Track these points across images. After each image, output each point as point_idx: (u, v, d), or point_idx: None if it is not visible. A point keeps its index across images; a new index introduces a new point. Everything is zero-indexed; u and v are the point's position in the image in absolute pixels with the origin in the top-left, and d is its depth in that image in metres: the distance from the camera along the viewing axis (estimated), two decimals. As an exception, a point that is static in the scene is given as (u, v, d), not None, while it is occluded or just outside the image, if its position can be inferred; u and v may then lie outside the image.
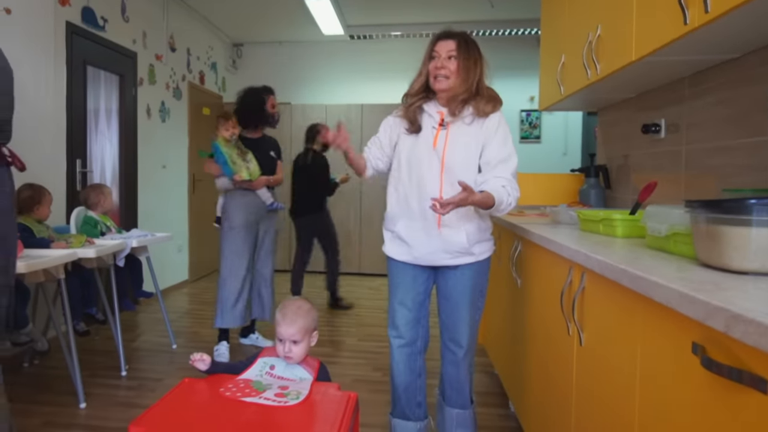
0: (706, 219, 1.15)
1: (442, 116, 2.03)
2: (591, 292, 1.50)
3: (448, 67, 1.98)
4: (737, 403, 0.83)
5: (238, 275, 3.45)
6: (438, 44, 2.01)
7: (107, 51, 4.28)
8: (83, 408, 2.69)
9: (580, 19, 2.52)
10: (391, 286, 2.19)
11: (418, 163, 2.02)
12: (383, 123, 2.20)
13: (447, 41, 2.00)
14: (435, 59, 2.01)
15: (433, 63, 2.00)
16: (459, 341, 2.08)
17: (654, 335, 1.11)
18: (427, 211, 1.97)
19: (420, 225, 2.03)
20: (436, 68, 1.99)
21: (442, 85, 1.99)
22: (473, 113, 2.00)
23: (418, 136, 2.05)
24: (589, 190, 2.92)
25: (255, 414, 1.54)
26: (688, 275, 1.09)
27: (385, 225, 2.19)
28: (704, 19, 1.48)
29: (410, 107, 2.08)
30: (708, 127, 2.10)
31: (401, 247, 2.11)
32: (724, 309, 0.81)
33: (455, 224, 2.00)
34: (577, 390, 1.61)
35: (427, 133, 2.04)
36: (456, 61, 1.98)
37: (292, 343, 1.72)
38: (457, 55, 1.98)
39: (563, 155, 6.52)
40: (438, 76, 1.99)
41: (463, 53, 1.99)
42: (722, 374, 0.84)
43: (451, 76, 1.98)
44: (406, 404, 2.14)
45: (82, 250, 2.73)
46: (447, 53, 1.99)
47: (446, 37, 2.02)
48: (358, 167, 2.12)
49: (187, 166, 5.82)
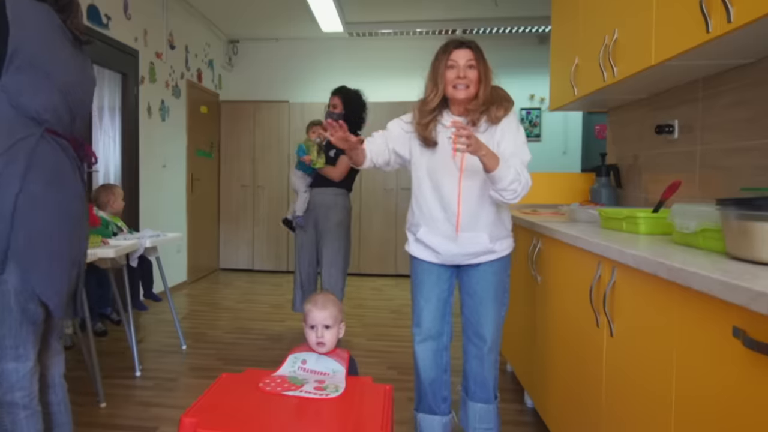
0: (737, 215, 1.25)
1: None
2: (622, 285, 1.58)
3: (468, 77, 2.00)
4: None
5: None
6: (455, 53, 2.02)
7: (111, 49, 4.26)
8: (104, 407, 2.70)
9: (595, 23, 2.58)
10: (415, 283, 2.23)
11: (439, 175, 2.08)
12: (396, 126, 2.19)
13: (464, 50, 2.02)
14: (453, 68, 2.02)
15: (453, 72, 2.01)
16: (483, 336, 2.13)
17: (691, 323, 1.21)
18: (449, 218, 2.06)
19: (442, 231, 2.10)
20: (458, 78, 2.00)
21: (463, 95, 2.02)
22: (486, 121, 2.05)
23: (435, 149, 2.09)
24: (600, 189, 2.99)
25: (300, 406, 1.58)
26: (724, 266, 1.19)
27: (407, 227, 2.26)
28: (727, 28, 1.54)
29: (427, 125, 2.07)
30: (723, 128, 2.17)
31: (425, 250, 2.17)
32: (766, 294, 0.91)
33: (475, 228, 2.07)
34: (608, 379, 1.68)
35: (444, 145, 2.07)
36: (476, 71, 2.01)
37: (325, 328, 1.79)
38: (476, 65, 2.01)
39: (563, 154, 6.60)
40: (458, 86, 2.01)
41: (482, 62, 2.03)
42: (765, 352, 0.94)
43: (471, 86, 2.01)
44: (432, 399, 2.19)
45: (102, 251, 2.73)
46: (466, 62, 2.01)
47: (461, 45, 2.04)
48: (357, 159, 2.13)
49: (186, 166, 5.81)
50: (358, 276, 6.47)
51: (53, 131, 1.60)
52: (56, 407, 1.77)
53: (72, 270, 1.69)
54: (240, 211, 6.72)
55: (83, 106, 1.75)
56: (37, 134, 1.55)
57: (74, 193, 1.67)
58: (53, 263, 1.59)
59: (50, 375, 1.77)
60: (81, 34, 1.69)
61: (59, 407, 1.78)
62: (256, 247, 6.72)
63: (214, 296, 5.41)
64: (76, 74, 1.68)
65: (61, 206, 1.61)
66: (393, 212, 6.45)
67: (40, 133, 1.56)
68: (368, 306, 5.02)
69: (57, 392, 1.78)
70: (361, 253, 6.54)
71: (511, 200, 1.99)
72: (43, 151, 1.56)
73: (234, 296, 5.39)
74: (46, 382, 1.75)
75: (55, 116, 1.60)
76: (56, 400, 1.78)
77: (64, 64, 1.62)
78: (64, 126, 1.65)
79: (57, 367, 1.80)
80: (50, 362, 1.77)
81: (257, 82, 7.02)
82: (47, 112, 1.57)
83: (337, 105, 3.80)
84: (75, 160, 1.70)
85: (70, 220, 1.65)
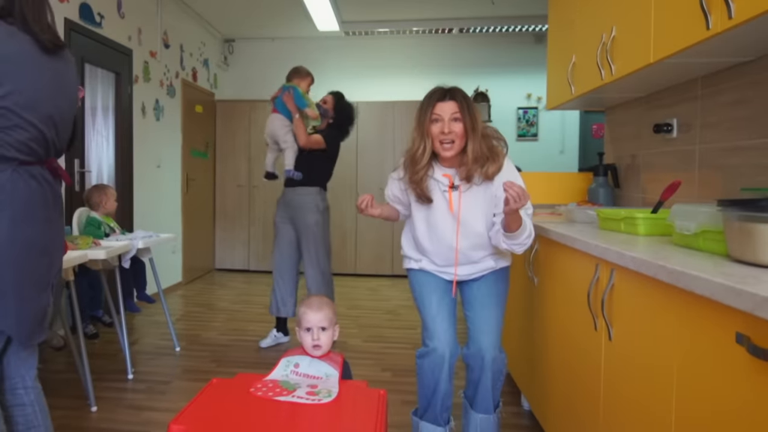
0: (739, 217, 1.22)
1: (451, 180, 2.02)
2: (620, 288, 1.54)
3: (454, 131, 1.93)
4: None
5: None
6: (438, 106, 1.95)
7: (104, 48, 4.21)
8: (95, 411, 2.66)
9: (592, 20, 2.55)
10: (422, 295, 2.17)
11: (435, 227, 2.08)
12: (392, 185, 2.21)
13: (447, 102, 1.95)
14: (438, 122, 1.95)
15: (438, 127, 1.95)
16: (486, 344, 2.09)
17: (692, 328, 1.17)
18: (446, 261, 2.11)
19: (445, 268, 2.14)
20: (443, 134, 1.93)
21: (450, 153, 1.96)
22: (480, 175, 1.98)
23: (431, 205, 2.06)
24: (598, 189, 2.96)
25: (291, 412, 1.56)
26: (726, 270, 1.15)
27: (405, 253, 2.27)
28: (727, 24, 1.50)
29: (419, 182, 2.02)
30: (722, 127, 2.14)
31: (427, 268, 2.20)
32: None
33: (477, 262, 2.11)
34: (606, 383, 1.64)
35: (439, 198, 2.05)
36: (461, 123, 1.94)
37: (320, 329, 1.78)
38: (460, 117, 1.94)
39: (560, 153, 6.56)
40: (444, 142, 1.95)
41: (468, 113, 1.95)
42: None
43: (457, 140, 1.95)
44: (439, 411, 2.12)
45: (93, 252, 2.69)
46: (451, 116, 1.93)
47: (444, 97, 1.96)
48: (391, 217, 2.26)
49: (181, 166, 5.76)
50: (354, 276, 6.43)
51: (26, 162, 1.60)
52: (29, 408, 1.76)
53: (41, 295, 1.70)
54: (236, 211, 6.68)
55: (62, 121, 1.73)
56: (8, 170, 1.56)
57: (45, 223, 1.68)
58: (16, 297, 1.60)
59: (21, 377, 1.76)
60: (55, 39, 1.65)
61: (32, 408, 1.77)
62: (252, 248, 6.68)
63: (209, 297, 5.37)
64: (50, 88, 1.65)
65: (29, 241, 1.62)
66: (390, 212, 6.41)
67: (12, 168, 1.56)
68: (364, 307, 4.98)
69: (29, 393, 1.77)
70: (358, 253, 6.51)
71: (519, 252, 2.01)
72: (14, 188, 1.57)
73: (229, 297, 5.35)
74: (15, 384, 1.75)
75: (26, 149, 1.59)
76: (29, 401, 1.76)
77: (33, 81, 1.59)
78: (38, 155, 1.65)
79: (29, 370, 1.78)
80: (22, 365, 1.76)
81: (253, 82, 6.97)
82: (19, 152, 1.57)
83: (328, 102, 3.83)
84: (50, 184, 1.71)
85: (38, 252, 1.66)
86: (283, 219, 3.79)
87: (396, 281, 6.16)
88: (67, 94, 1.74)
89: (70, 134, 1.84)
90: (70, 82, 1.76)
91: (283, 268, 3.78)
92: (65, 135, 1.79)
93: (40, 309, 1.70)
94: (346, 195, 6.49)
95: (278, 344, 3.77)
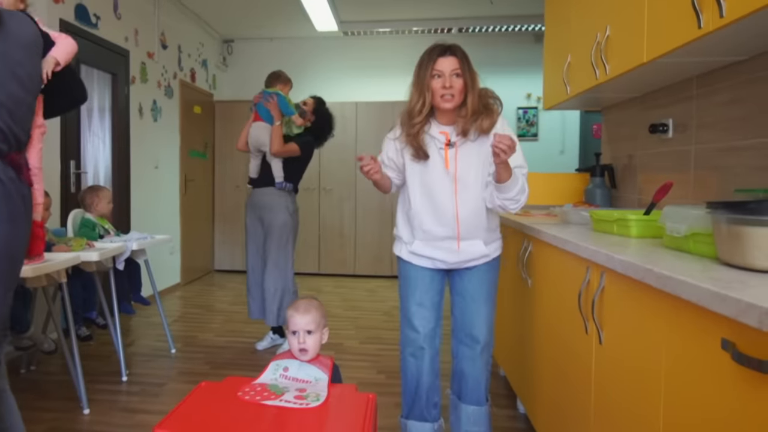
0: (728, 220, 1.19)
1: (447, 137, 2.01)
2: (610, 291, 1.52)
3: (455, 86, 1.94)
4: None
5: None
6: (439, 62, 1.95)
7: (100, 49, 4.20)
8: (87, 414, 2.65)
9: (587, 19, 2.52)
10: (406, 287, 2.17)
11: (432, 188, 2.04)
12: (388, 146, 2.14)
13: (449, 58, 1.95)
14: (439, 78, 1.95)
15: (439, 82, 1.95)
16: (477, 336, 2.11)
17: (680, 333, 1.15)
18: (448, 232, 2.05)
19: (440, 245, 2.08)
20: (444, 88, 1.94)
21: (449, 105, 1.96)
22: (476, 130, 2.00)
23: (427, 162, 2.04)
24: (594, 189, 2.93)
25: (278, 417, 1.54)
26: (714, 274, 1.13)
27: (397, 236, 2.24)
28: (719, 23, 1.49)
29: (416, 135, 2.01)
30: (717, 127, 2.11)
31: (419, 258, 2.15)
32: (756, 306, 0.85)
33: (473, 236, 2.07)
34: (596, 387, 1.62)
35: (435, 157, 2.03)
36: (461, 79, 1.95)
37: (306, 333, 1.75)
38: (461, 73, 1.95)
39: (560, 153, 6.53)
40: (445, 95, 1.95)
41: (467, 69, 1.97)
42: (754, 367, 0.88)
43: (457, 95, 1.95)
44: (425, 406, 2.13)
45: (85, 254, 2.68)
46: (452, 71, 1.94)
47: (446, 53, 1.96)
48: (384, 187, 2.17)
49: (179, 167, 5.75)
50: (352, 277, 6.41)
51: None
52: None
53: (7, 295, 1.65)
54: (235, 212, 6.66)
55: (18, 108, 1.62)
56: None
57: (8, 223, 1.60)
58: None
59: None
60: None
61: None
62: (251, 249, 6.65)
63: (207, 298, 5.36)
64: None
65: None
66: (388, 213, 6.39)
67: None
68: (362, 308, 4.96)
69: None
70: (357, 254, 6.49)
71: (513, 210, 2.02)
72: None
73: (228, 298, 5.34)
74: None
75: None
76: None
77: None
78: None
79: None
80: None
81: (252, 82, 6.91)
82: None
83: (308, 104, 3.81)
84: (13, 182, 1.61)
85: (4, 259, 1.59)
86: (253, 220, 3.75)
87: (395, 282, 6.13)
88: (18, 75, 1.61)
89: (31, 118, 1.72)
90: (20, 61, 1.62)
91: (257, 269, 3.73)
92: (26, 122, 1.68)
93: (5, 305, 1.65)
94: (345, 196, 6.47)
95: (275, 346, 3.75)
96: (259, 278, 3.71)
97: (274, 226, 3.64)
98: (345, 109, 6.29)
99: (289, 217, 3.66)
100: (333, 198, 6.51)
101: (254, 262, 3.74)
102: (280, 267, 3.64)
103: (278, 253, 3.64)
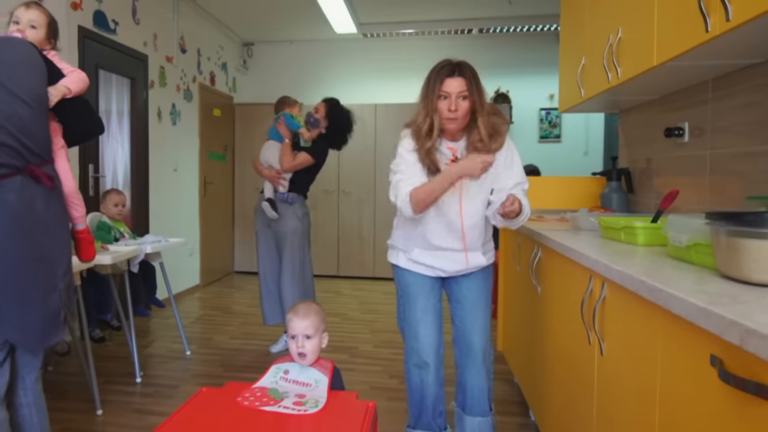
0: (726, 231, 1.16)
1: (455, 153, 2.01)
2: (611, 301, 1.49)
3: (460, 109, 1.91)
4: (754, 416, 0.84)
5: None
6: (446, 83, 1.91)
7: (119, 54, 4.27)
8: (100, 415, 2.69)
9: (600, 22, 2.47)
10: (408, 295, 2.16)
11: (440, 203, 2.02)
12: (405, 158, 2.04)
13: (456, 79, 1.91)
14: (445, 99, 1.92)
15: (445, 104, 1.92)
16: (476, 344, 2.11)
17: (674, 347, 1.12)
18: (454, 243, 2.06)
19: (440, 253, 2.09)
20: (450, 110, 1.91)
21: (453, 126, 1.95)
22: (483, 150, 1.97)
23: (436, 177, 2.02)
24: (611, 194, 2.86)
25: (275, 423, 1.55)
26: (707, 287, 1.10)
27: (393, 244, 2.24)
28: (726, 27, 1.44)
29: (428, 152, 1.99)
30: (733, 131, 2.04)
31: (418, 266, 2.14)
32: (738, 323, 0.83)
33: (476, 247, 2.10)
34: (599, 399, 1.58)
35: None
36: (467, 101, 1.92)
37: (305, 338, 1.76)
38: (468, 95, 1.92)
39: (584, 155, 6.37)
40: (449, 117, 1.92)
41: (475, 90, 1.93)
42: (738, 387, 0.85)
43: (461, 117, 1.93)
44: (432, 416, 2.11)
45: (99, 257, 2.71)
46: (458, 93, 1.91)
47: (453, 74, 1.92)
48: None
49: (198, 169, 5.81)
50: (371, 280, 6.40)
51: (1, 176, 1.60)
52: (26, 409, 1.78)
53: (49, 296, 1.72)
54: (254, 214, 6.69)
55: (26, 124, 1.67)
56: None
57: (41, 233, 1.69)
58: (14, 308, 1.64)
59: (21, 378, 1.78)
60: None
61: (29, 409, 1.79)
62: (270, 250, 6.69)
63: (226, 300, 5.41)
64: None
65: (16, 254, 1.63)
66: (407, 215, 6.36)
67: None
68: (379, 311, 4.94)
69: (28, 394, 1.79)
70: (376, 256, 6.47)
71: (515, 228, 2.09)
72: None
73: (246, 300, 5.38)
74: (16, 384, 1.77)
75: None
76: (26, 402, 1.79)
77: None
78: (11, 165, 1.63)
79: (30, 372, 1.80)
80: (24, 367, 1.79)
81: (272, 85, 7.00)
82: None
83: (320, 110, 3.75)
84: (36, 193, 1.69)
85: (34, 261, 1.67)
86: (262, 226, 3.79)
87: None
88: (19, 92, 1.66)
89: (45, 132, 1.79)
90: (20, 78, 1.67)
91: (269, 275, 3.76)
92: (39, 136, 1.74)
93: (47, 314, 1.72)
94: (364, 198, 6.46)
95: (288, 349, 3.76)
96: (271, 285, 3.74)
97: (285, 234, 3.66)
98: (364, 111, 6.24)
99: (299, 222, 3.67)
100: (352, 200, 6.51)
101: (265, 269, 3.77)
102: (296, 273, 3.66)
103: (292, 259, 3.65)
